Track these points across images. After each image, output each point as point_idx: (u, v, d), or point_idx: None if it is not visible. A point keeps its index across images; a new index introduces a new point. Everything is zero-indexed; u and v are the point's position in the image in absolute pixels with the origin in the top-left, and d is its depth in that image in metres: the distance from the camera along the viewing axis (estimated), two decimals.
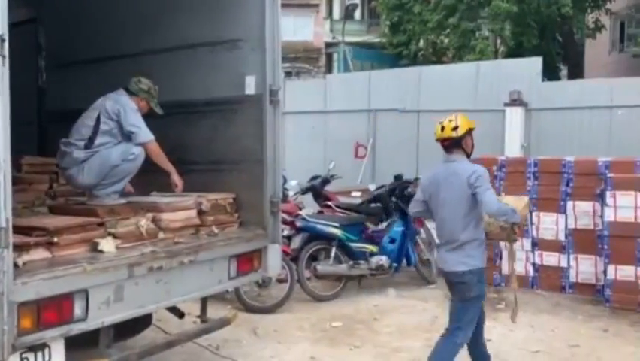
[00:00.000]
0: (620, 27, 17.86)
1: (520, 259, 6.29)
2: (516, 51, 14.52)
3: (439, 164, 3.82)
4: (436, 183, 3.66)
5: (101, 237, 3.21)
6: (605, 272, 5.66)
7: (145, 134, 3.79)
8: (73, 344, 2.90)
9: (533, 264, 6.23)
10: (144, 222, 3.45)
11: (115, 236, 3.27)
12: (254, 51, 4.00)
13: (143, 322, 3.70)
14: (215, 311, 4.76)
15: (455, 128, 3.65)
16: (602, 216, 5.75)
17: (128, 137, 3.80)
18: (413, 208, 3.91)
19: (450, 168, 3.63)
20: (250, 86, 4.00)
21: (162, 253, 3.29)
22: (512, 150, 9.31)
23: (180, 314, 4.03)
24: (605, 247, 5.59)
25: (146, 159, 3.87)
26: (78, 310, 2.80)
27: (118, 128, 3.77)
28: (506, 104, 9.77)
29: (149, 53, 4.44)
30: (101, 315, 2.92)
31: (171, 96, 4.22)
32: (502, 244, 6.33)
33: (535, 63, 10.06)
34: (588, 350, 4.52)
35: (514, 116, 9.74)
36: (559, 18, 14.55)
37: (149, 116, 3.95)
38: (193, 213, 3.77)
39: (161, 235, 3.55)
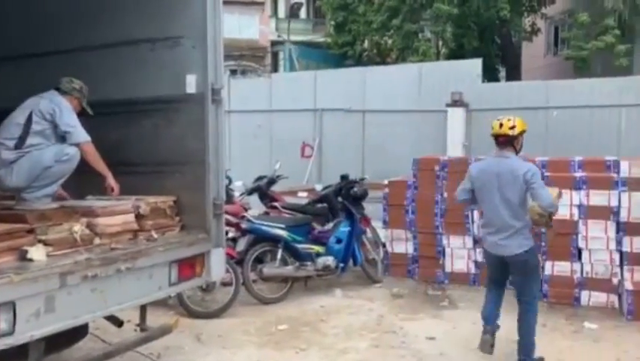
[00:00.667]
0: (554, 31, 18.66)
1: (462, 257, 6.43)
2: (457, 53, 14.92)
3: (489, 157, 4.31)
4: (488, 175, 4.12)
5: (30, 244, 3.01)
6: (542, 268, 5.85)
7: (81, 134, 3.67)
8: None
9: (475, 261, 6.37)
10: (78, 228, 3.27)
11: (46, 243, 3.08)
12: (195, 49, 3.87)
13: (78, 332, 3.52)
14: (156, 318, 4.62)
15: (512, 128, 4.07)
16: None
17: (62, 138, 3.65)
18: (460, 196, 4.32)
19: (504, 163, 4.08)
20: (191, 85, 3.87)
21: (97, 260, 3.12)
22: (454, 150, 9.54)
23: (119, 323, 3.87)
24: (543, 243, 5.79)
25: (81, 161, 3.70)
26: (4, 323, 2.61)
27: (52, 128, 3.62)
28: (448, 105, 10.00)
29: (85, 49, 4.23)
30: (30, 328, 2.74)
31: (110, 95, 4.06)
32: (444, 241, 6.48)
33: (476, 65, 10.35)
34: None
35: (456, 117, 9.99)
36: (498, 21, 15.06)
37: (80, 116, 3.80)
38: (131, 217, 3.61)
39: (96, 241, 3.37)
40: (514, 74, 16.98)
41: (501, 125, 4.09)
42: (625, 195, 5.57)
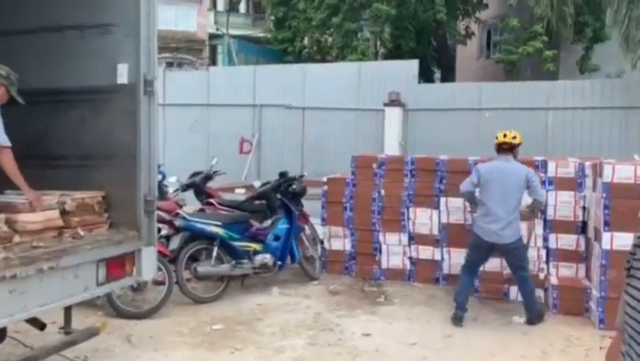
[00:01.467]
0: (487, 35, 19.32)
1: (397, 253, 6.53)
2: (395, 53, 15.14)
3: (494, 160, 5.29)
4: (495, 173, 5.12)
5: None
6: None
7: (1, 138, 3.33)
8: None
9: (410, 258, 6.49)
10: None
11: None
12: (127, 37, 3.70)
13: None
14: (84, 318, 4.40)
15: (514, 138, 5.21)
16: (471, 212, 6.12)
17: None
18: (465, 187, 5.24)
19: (508, 165, 5.15)
20: (122, 75, 3.70)
21: (17, 259, 2.92)
22: (391, 148, 9.69)
23: (41, 326, 3.65)
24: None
25: None
26: None
27: None
28: (386, 104, 10.14)
29: (8, 33, 3.95)
30: None
31: (35, 83, 3.80)
32: (381, 238, 6.54)
33: (413, 66, 10.56)
34: (461, 339, 4.77)
35: (393, 116, 10.15)
36: (434, 23, 15.39)
37: (8, 106, 3.51)
38: (55, 213, 3.40)
39: (16, 238, 3.15)
40: (448, 76, 17.47)
41: (505, 135, 5.19)
42: (552, 194, 5.82)
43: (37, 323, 3.62)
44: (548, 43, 13.68)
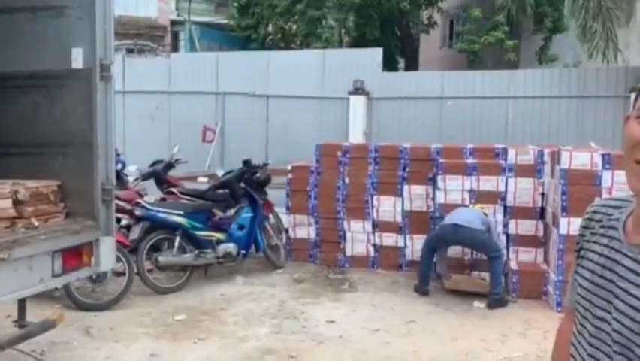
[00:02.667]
0: (449, 24, 19.52)
1: (362, 241, 6.56)
2: (359, 42, 15.13)
3: None
4: None
5: None
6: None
7: None
8: None
9: (374, 245, 6.53)
10: None
11: None
12: (82, 20, 3.55)
13: None
14: (41, 311, 4.27)
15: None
16: (433, 199, 6.20)
17: None
18: None
19: None
20: (77, 60, 3.55)
21: None
22: (355, 136, 9.70)
23: None
24: (437, 227, 6.03)
25: None
26: None
27: None
28: (350, 93, 10.13)
29: None
30: None
31: None
32: (345, 226, 6.57)
33: (377, 54, 10.56)
34: (423, 324, 4.84)
35: (357, 105, 10.15)
36: (398, 12, 15.43)
37: None
38: (8, 203, 3.26)
39: None
40: (412, 65, 17.57)
41: None
42: (512, 181, 5.94)
43: None
44: (509, 33, 13.90)
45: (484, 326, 4.84)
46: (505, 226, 5.95)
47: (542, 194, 5.92)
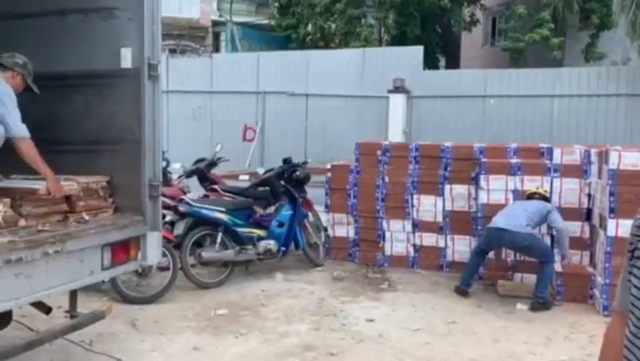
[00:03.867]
0: (492, 22, 19.17)
1: (401, 240, 6.53)
2: (399, 40, 15.02)
3: None
4: None
5: None
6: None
7: (16, 128, 3.31)
8: None
9: (414, 245, 6.49)
10: (0, 209, 3.04)
11: None
12: (131, 21, 3.66)
13: (1, 320, 3.30)
14: (89, 303, 4.42)
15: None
16: (476, 199, 6.11)
17: None
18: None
19: None
20: (126, 59, 3.67)
21: (22, 243, 2.92)
22: (395, 135, 9.66)
23: (47, 310, 3.66)
24: (479, 227, 5.95)
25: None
26: None
27: None
28: (390, 91, 10.09)
29: (9, 16, 3.92)
30: None
31: (38, 67, 3.77)
32: (385, 225, 6.55)
33: (417, 52, 10.49)
34: (464, 325, 4.78)
35: (397, 103, 10.11)
36: (439, 10, 15.26)
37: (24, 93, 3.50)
38: (60, 198, 3.40)
39: (22, 222, 3.16)
40: (453, 63, 17.33)
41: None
42: (557, 181, 5.79)
43: (43, 307, 3.62)
44: (554, 30, 13.56)
45: (528, 329, 4.74)
46: (549, 227, 5.81)
47: (589, 195, 5.76)
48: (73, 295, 3.56)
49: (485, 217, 5.87)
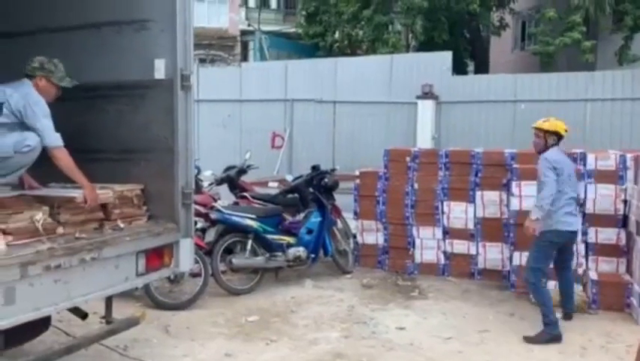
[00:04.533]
0: (521, 26, 18.93)
1: (432, 248, 6.47)
2: (427, 46, 14.96)
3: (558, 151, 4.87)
4: (567, 162, 4.92)
5: None
6: (510, 258, 5.94)
7: (50, 137, 3.37)
8: None
9: (444, 252, 6.42)
10: (40, 217, 3.13)
11: (5, 232, 2.94)
12: (164, 33, 3.74)
13: (39, 325, 3.39)
14: (123, 309, 4.49)
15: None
16: (507, 205, 6.02)
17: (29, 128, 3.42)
18: (551, 190, 4.65)
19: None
20: (160, 70, 3.75)
21: (61, 250, 3.00)
22: (424, 141, 9.61)
23: (83, 315, 3.75)
24: (511, 234, 5.86)
25: (43, 148, 3.52)
26: None
27: (20, 123, 3.39)
28: (418, 97, 10.05)
29: (47, 30, 4.05)
30: None
31: (74, 79, 3.88)
32: (414, 232, 6.50)
33: (446, 58, 10.42)
34: (497, 334, 4.71)
35: (426, 109, 10.05)
36: (467, 15, 15.15)
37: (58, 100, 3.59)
38: (96, 206, 3.48)
39: (59, 230, 3.24)
40: (482, 68, 17.17)
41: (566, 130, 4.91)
42: (591, 187, 5.67)
43: (80, 313, 3.71)
44: (586, 33, 13.31)
45: (563, 338, 4.63)
46: (585, 234, 5.69)
47: (625, 201, 5.62)
48: (109, 301, 3.64)
49: (518, 224, 5.78)
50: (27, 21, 4.05)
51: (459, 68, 15.01)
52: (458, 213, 6.32)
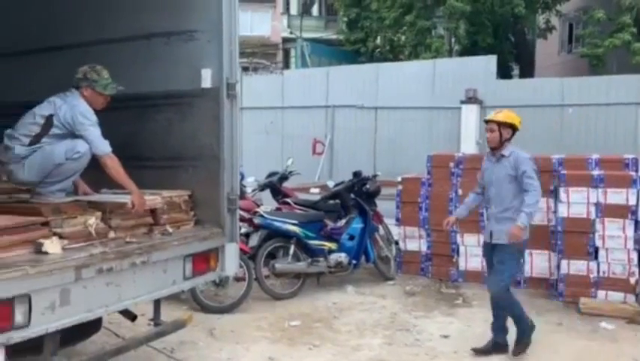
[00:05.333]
0: (568, 28, 18.45)
1: (476, 255, 6.36)
2: (470, 50, 14.77)
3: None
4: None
5: (46, 237, 3.00)
6: (558, 267, 5.78)
7: (100, 146, 3.48)
8: (14, 352, 2.71)
9: None
10: (93, 221, 3.26)
11: (61, 236, 3.07)
12: (210, 43, 3.84)
13: (91, 326, 3.52)
14: (169, 312, 4.60)
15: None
16: (555, 212, 5.87)
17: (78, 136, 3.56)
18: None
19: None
20: (206, 80, 3.85)
21: (112, 253, 3.12)
22: (468, 147, 9.47)
23: (132, 317, 3.86)
24: (559, 242, 5.72)
25: (95, 156, 3.65)
26: (19, 316, 2.60)
27: (70, 132, 3.54)
28: (462, 102, 9.93)
29: (98, 42, 4.20)
30: (45, 321, 2.73)
31: (125, 89, 4.03)
32: (459, 239, 6.41)
33: (490, 62, 10.27)
34: (544, 344, 4.59)
35: (470, 114, 9.92)
36: (512, 18, 14.88)
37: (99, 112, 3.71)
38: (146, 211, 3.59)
39: (111, 234, 3.37)
40: (528, 72, 16.80)
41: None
42: None
43: (129, 315, 3.82)
44: (637, 35, 12.86)
45: (614, 349, 4.49)
46: (637, 242, 5.49)
47: None
48: (157, 304, 3.73)
49: (565, 231, 5.63)
50: (77, 34, 4.21)
51: (503, 72, 14.73)
52: None
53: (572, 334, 4.83)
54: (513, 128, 4.38)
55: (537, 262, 6.07)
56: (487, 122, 4.46)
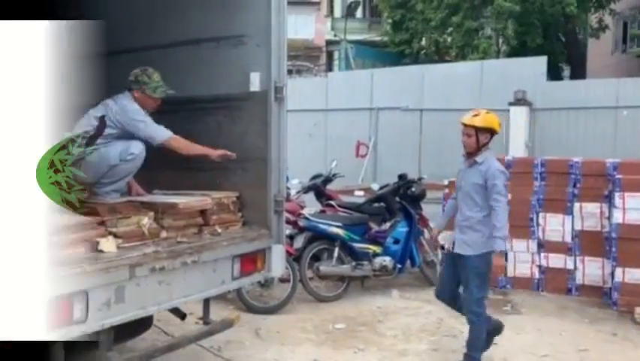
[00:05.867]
0: (622, 27, 17.79)
1: (525, 261, 6.21)
2: (519, 50, 14.44)
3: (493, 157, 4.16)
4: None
5: (102, 236, 3.11)
6: (612, 275, 5.58)
7: (160, 135, 3.63)
8: (72, 346, 2.81)
9: (539, 266, 6.15)
10: (146, 221, 3.35)
11: (116, 235, 3.17)
12: (259, 47, 3.89)
13: (143, 323, 3.61)
14: (216, 312, 4.67)
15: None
16: (609, 218, 5.67)
17: (132, 136, 3.68)
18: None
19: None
20: (255, 83, 3.90)
21: (164, 253, 3.19)
22: (516, 150, 9.24)
23: (182, 316, 3.94)
24: (613, 249, 5.51)
25: (147, 158, 3.76)
26: (78, 312, 2.70)
27: (123, 131, 3.66)
28: (511, 104, 9.70)
29: (150, 48, 4.31)
30: (102, 317, 2.82)
31: (175, 92, 4.12)
32: (507, 245, 6.25)
33: (540, 63, 9.99)
34: (597, 354, 4.44)
35: (519, 116, 9.67)
36: (562, 17, 14.46)
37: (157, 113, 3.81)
38: (196, 212, 3.67)
39: (163, 234, 3.45)
40: (579, 73, 16.28)
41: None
42: None
43: (179, 313, 3.90)
44: None
45: None
46: None
47: None
48: (206, 303, 3.79)
49: (621, 238, 5.42)
50: (130, 40, 4.33)
51: (554, 74, 14.35)
52: (554, 225, 6.03)
53: (627, 344, 4.65)
54: (492, 132, 4.07)
55: (590, 270, 5.87)
56: (463, 125, 4.12)
